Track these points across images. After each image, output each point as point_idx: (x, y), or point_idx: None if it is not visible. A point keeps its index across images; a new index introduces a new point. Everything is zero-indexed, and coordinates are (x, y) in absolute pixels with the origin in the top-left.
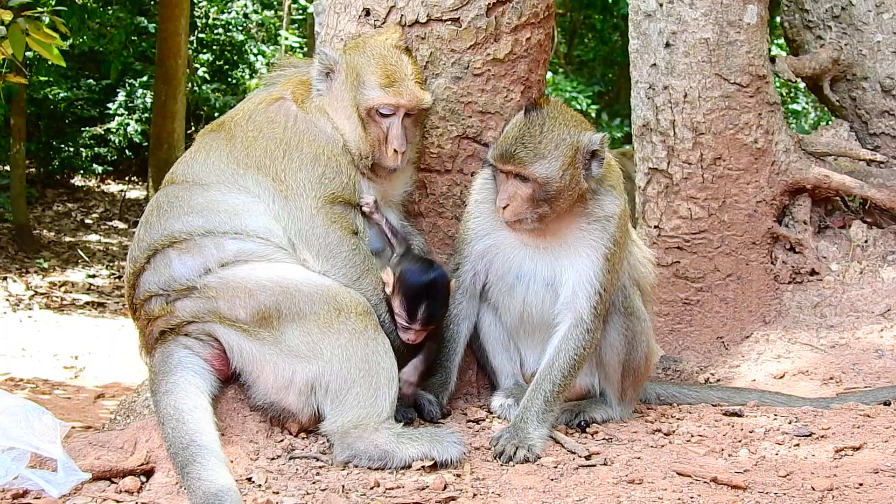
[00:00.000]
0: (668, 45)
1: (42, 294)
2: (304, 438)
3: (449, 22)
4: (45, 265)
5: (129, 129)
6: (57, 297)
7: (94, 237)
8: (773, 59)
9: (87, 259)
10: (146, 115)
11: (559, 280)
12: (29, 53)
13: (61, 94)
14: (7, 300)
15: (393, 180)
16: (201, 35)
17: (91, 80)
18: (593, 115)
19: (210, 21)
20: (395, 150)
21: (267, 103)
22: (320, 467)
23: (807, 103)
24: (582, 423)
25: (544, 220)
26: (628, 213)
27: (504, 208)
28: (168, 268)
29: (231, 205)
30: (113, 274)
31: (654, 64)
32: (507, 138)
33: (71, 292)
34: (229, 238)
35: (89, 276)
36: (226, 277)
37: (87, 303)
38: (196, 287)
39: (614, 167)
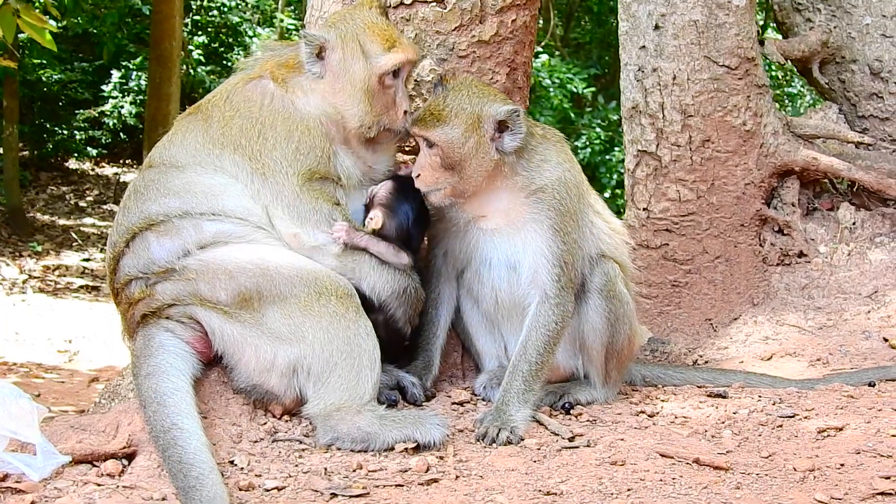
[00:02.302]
0: (657, 27)
1: (36, 278)
2: (287, 421)
3: (434, 3)
4: (39, 249)
5: (123, 111)
6: (51, 280)
7: (88, 220)
8: (762, 42)
9: (81, 243)
10: (141, 97)
11: (518, 260)
12: (22, 35)
13: (55, 77)
14: (0, 284)
15: (390, 148)
16: (196, 17)
17: (85, 63)
18: (589, 97)
19: (205, 3)
20: (406, 111)
21: (244, 83)
22: (303, 450)
23: (802, 86)
24: (566, 405)
25: (460, 194)
26: (573, 182)
27: (417, 177)
28: (147, 251)
29: (208, 186)
30: None
31: (643, 46)
32: (421, 108)
33: (65, 276)
34: (207, 219)
35: (83, 260)
36: (206, 259)
37: (82, 286)
38: (175, 269)
39: (551, 138)
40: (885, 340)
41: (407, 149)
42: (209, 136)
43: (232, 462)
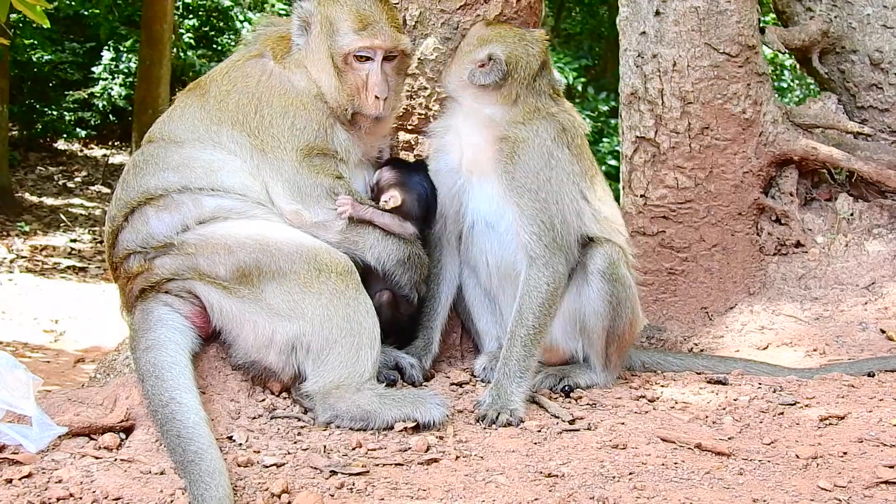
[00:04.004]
0: (657, 13)
1: (23, 257)
2: (285, 398)
3: None
4: (27, 229)
5: (113, 93)
6: (38, 260)
7: (76, 201)
8: (762, 30)
9: (69, 223)
10: (131, 79)
11: (495, 217)
12: (13, 16)
13: (46, 57)
14: None
15: (376, 133)
16: (188, 0)
17: (76, 44)
18: (580, 88)
19: None
20: (377, 97)
21: (244, 60)
22: (302, 427)
23: (792, 80)
24: (566, 388)
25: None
26: (543, 151)
27: None
28: (146, 225)
29: (206, 161)
30: (95, 238)
31: (644, 32)
32: None
33: (52, 256)
34: (206, 194)
35: (71, 241)
36: (205, 234)
37: (69, 267)
38: (174, 244)
39: (558, 118)
40: (882, 332)
41: (409, 127)
42: (206, 112)
43: (230, 438)
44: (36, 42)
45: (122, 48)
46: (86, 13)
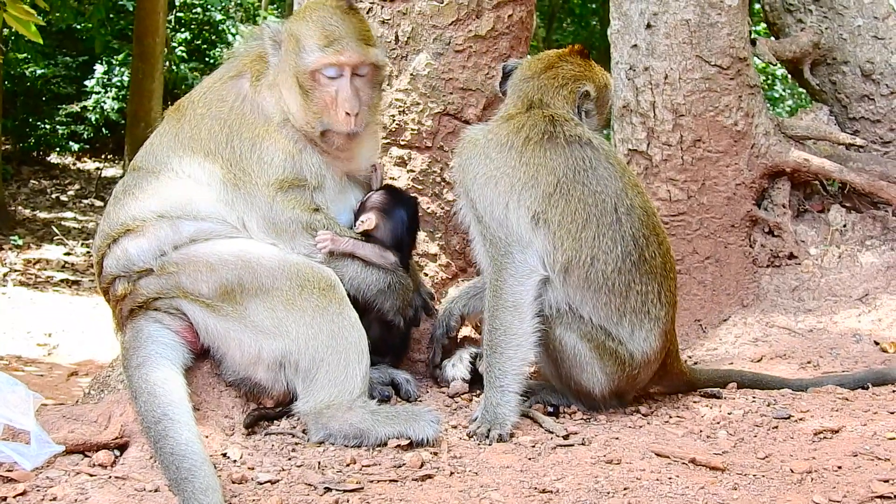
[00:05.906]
0: (648, 25)
1: (17, 271)
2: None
3: None
4: (20, 242)
5: (105, 107)
6: (31, 274)
7: (69, 215)
8: (753, 42)
9: (62, 237)
10: (123, 93)
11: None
12: (6, 30)
13: (38, 71)
14: None
15: (352, 152)
16: (179, 14)
17: (68, 58)
18: None
19: (188, 0)
20: (347, 113)
21: (223, 81)
22: (296, 444)
23: (784, 90)
24: (552, 408)
25: None
26: (482, 172)
27: None
28: (125, 253)
29: (181, 191)
30: (88, 252)
31: (635, 45)
32: None
33: (45, 269)
34: (184, 221)
35: (64, 254)
36: (187, 253)
37: (62, 280)
38: (153, 269)
39: (530, 140)
40: (876, 343)
41: (402, 143)
42: (180, 141)
43: (225, 454)
44: (29, 56)
45: (114, 62)
46: (78, 27)
